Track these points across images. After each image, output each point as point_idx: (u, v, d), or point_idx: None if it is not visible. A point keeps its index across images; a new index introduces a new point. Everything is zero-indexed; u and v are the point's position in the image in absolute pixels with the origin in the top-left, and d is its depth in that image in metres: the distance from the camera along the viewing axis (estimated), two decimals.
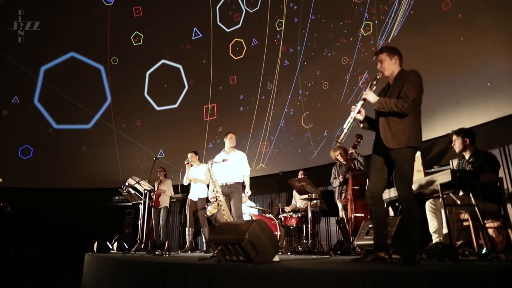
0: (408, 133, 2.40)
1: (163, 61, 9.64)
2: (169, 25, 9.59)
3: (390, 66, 2.57)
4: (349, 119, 2.57)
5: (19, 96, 9.31)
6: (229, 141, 4.94)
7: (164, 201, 6.41)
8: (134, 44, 9.75)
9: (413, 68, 2.56)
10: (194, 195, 5.64)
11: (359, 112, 2.59)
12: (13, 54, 9.26)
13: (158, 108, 9.54)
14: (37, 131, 9.25)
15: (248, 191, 4.91)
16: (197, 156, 5.90)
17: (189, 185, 5.80)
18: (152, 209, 6.27)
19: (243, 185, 4.84)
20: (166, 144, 9.07)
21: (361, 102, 2.58)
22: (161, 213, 6.34)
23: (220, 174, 4.75)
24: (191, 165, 5.72)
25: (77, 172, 9.07)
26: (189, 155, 5.74)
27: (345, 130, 2.59)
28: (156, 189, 6.36)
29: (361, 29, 6.63)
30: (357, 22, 6.72)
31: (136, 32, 9.76)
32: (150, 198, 5.59)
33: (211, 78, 9.07)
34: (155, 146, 8.93)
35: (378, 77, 2.61)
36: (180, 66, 9.53)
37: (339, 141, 2.65)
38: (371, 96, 2.52)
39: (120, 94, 9.61)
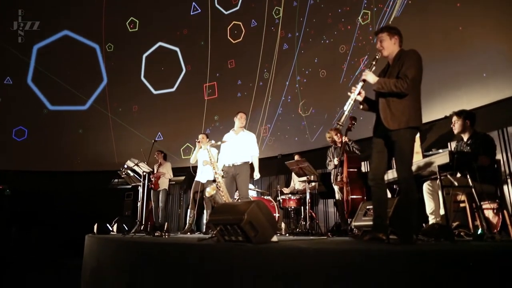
0: (408, 113, 2.38)
1: (160, 43, 9.50)
2: (165, 9, 9.40)
3: (389, 46, 2.54)
4: (349, 101, 2.55)
5: (12, 76, 9.20)
6: (238, 120, 4.79)
7: (163, 184, 6.43)
8: (130, 31, 9.58)
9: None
10: (202, 177, 5.64)
11: (359, 93, 2.57)
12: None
13: (155, 92, 9.46)
14: (31, 112, 9.16)
15: (257, 174, 4.75)
16: (207, 139, 5.82)
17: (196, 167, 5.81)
18: (152, 191, 6.30)
19: (251, 166, 4.73)
20: (164, 128, 9.04)
21: (361, 83, 2.56)
22: (160, 196, 6.37)
23: (228, 154, 4.65)
24: (201, 147, 5.69)
25: (73, 154, 9.04)
26: (200, 136, 5.72)
27: (346, 112, 2.57)
28: (155, 172, 6.37)
29: (359, 18, 6.56)
30: (356, 10, 6.64)
31: (131, 18, 9.57)
32: (149, 180, 5.59)
33: (209, 62, 8.96)
34: (153, 130, 8.86)
35: (377, 57, 2.58)
36: (177, 49, 9.40)
37: (339, 123, 2.64)
38: (370, 77, 2.50)
39: (116, 78, 9.50)
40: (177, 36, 9.36)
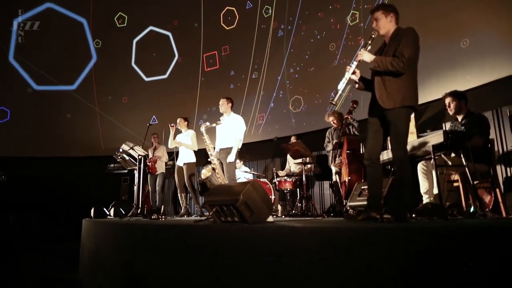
0: (403, 93, 2.37)
1: (150, 27, 9.31)
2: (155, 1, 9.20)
3: (385, 24, 2.50)
4: (344, 80, 2.53)
5: None
6: (220, 107, 4.86)
7: (161, 167, 6.43)
8: (118, 26, 9.38)
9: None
10: (180, 160, 5.66)
11: (354, 73, 2.55)
12: None
13: (146, 79, 9.31)
14: (14, 91, 8.90)
15: (229, 157, 4.48)
16: (186, 122, 5.86)
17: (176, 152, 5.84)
18: (148, 175, 6.30)
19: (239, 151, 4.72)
20: (159, 114, 8.96)
21: (355, 63, 2.53)
22: (158, 179, 6.37)
23: (217, 139, 4.75)
24: (180, 130, 5.74)
25: (61, 138, 8.87)
26: (178, 119, 5.76)
27: (340, 92, 2.55)
28: (151, 156, 6.36)
29: (348, 17, 6.54)
30: (345, 9, 6.63)
31: (120, 13, 9.34)
32: (146, 164, 5.59)
33: (202, 48, 8.82)
34: (145, 116, 8.71)
35: (373, 36, 2.54)
36: (169, 33, 9.24)
37: (333, 103, 2.63)
38: (366, 56, 2.46)
39: (105, 64, 9.33)
40: (167, 28, 9.20)
